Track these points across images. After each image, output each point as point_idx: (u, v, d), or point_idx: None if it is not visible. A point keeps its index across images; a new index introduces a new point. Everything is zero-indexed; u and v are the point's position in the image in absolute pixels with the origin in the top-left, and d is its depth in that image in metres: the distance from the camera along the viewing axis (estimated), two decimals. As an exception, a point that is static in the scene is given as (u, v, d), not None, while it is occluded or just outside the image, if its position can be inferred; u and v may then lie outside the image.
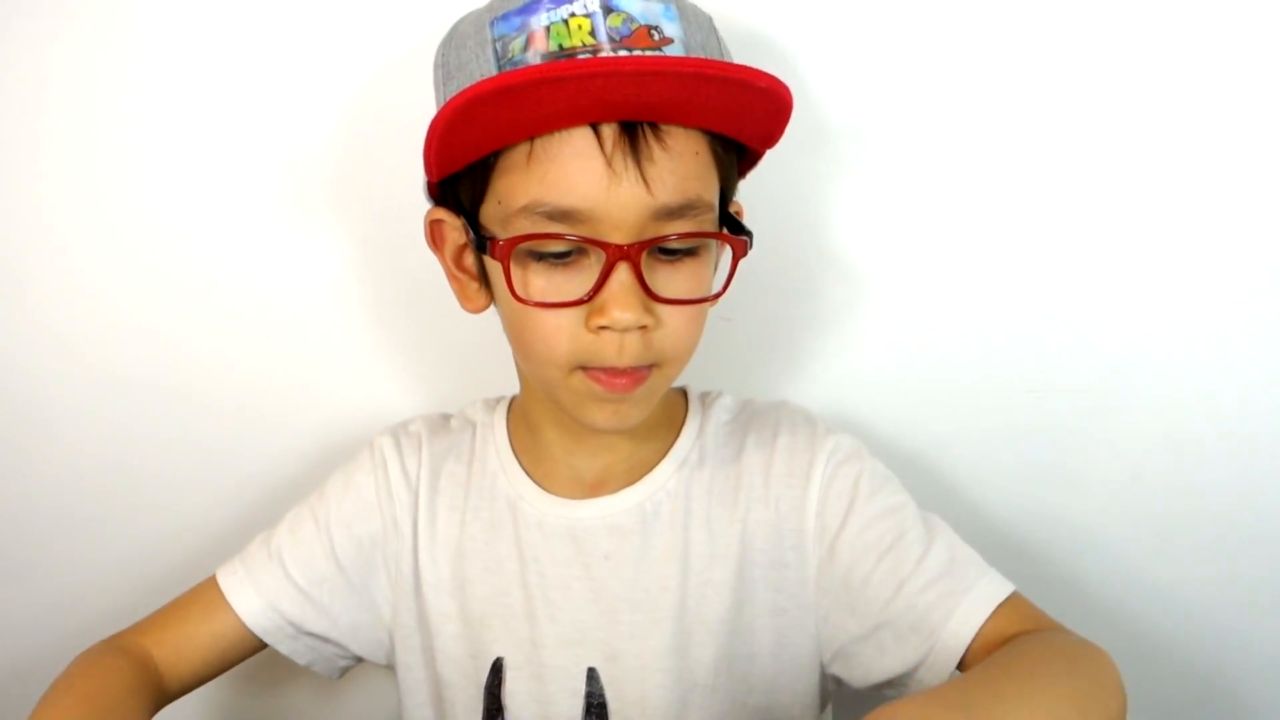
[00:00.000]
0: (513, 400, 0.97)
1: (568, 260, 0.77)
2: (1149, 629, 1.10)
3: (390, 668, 0.96)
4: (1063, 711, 0.68)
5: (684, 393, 0.95)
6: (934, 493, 1.02)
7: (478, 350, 0.95)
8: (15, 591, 1.16)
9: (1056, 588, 1.08)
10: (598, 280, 0.76)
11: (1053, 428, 1.05)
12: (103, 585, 1.13)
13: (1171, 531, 1.07)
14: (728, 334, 1.02)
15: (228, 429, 1.09)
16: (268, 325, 1.06)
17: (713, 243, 0.80)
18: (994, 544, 0.88)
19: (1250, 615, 1.08)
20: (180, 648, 0.89)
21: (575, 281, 0.77)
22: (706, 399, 0.95)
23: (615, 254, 0.75)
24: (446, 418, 0.99)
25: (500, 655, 0.88)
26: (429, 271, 0.88)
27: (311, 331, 1.06)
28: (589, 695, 0.86)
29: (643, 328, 0.77)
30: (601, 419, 0.82)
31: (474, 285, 0.85)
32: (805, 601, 0.87)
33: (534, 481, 0.91)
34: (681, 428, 0.92)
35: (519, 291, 0.78)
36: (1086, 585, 1.09)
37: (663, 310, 0.78)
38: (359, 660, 0.96)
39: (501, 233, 0.78)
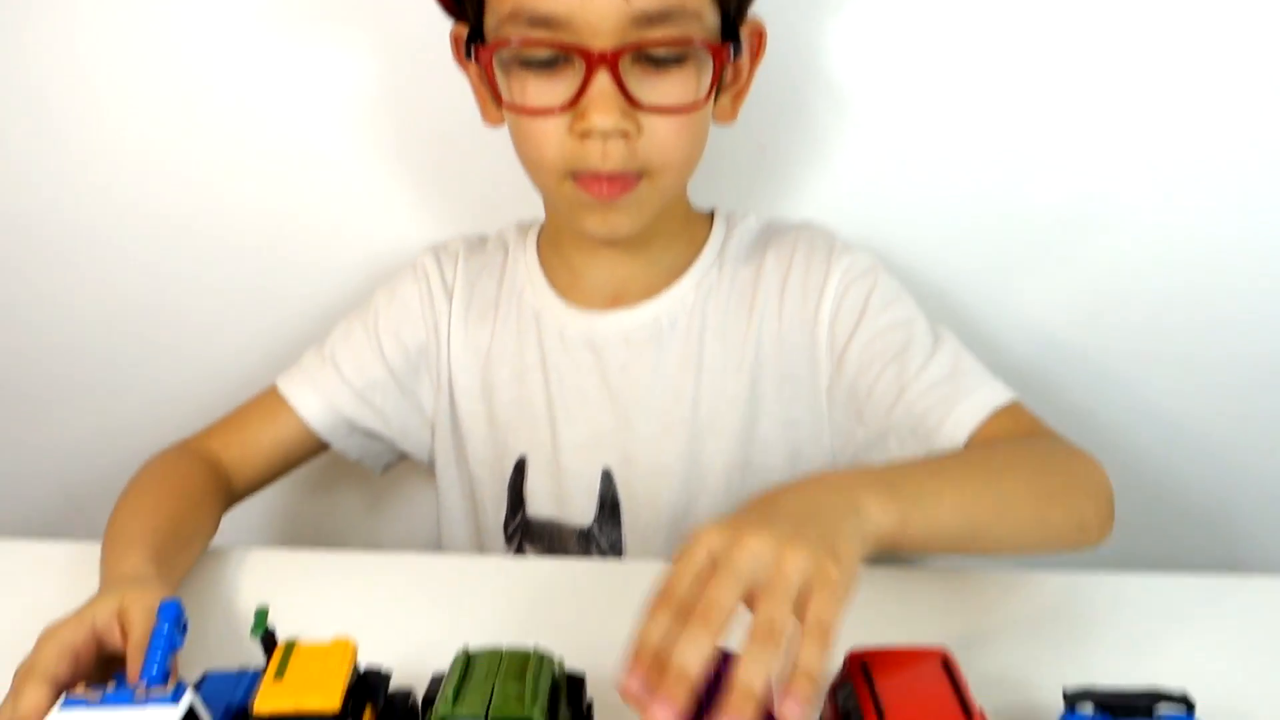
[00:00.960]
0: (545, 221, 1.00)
1: (553, 68, 0.79)
2: (1160, 461, 1.13)
3: (431, 466, 1.03)
4: (1001, 504, 0.69)
5: (712, 213, 0.98)
6: (951, 324, 1.04)
7: (505, 182, 0.98)
8: (64, 422, 1.23)
9: (1072, 418, 1.11)
10: (579, 86, 0.78)
11: (1078, 260, 1.06)
12: (149, 417, 1.20)
13: (1190, 369, 1.09)
14: (733, 153, 1.04)
15: (258, 267, 1.14)
16: (297, 161, 1.10)
17: (708, 55, 0.81)
18: (1011, 376, 0.90)
19: (1258, 452, 1.11)
20: (246, 450, 0.95)
21: (560, 88, 0.80)
22: (733, 219, 0.97)
23: (594, 60, 0.77)
24: (484, 239, 1.03)
25: (523, 455, 0.94)
26: (459, 104, 0.90)
27: (341, 167, 1.10)
28: (603, 495, 0.93)
29: (625, 134, 0.79)
30: (592, 226, 0.85)
31: (491, 98, 0.88)
32: (818, 414, 0.91)
33: (557, 294, 0.95)
34: (704, 246, 0.95)
35: (505, 97, 0.81)
36: (1101, 417, 1.12)
37: (647, 119, 0.80)
38: (402, 458, 1.02)
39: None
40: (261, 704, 0.57)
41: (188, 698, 0.57)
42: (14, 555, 0.87)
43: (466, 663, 0.61)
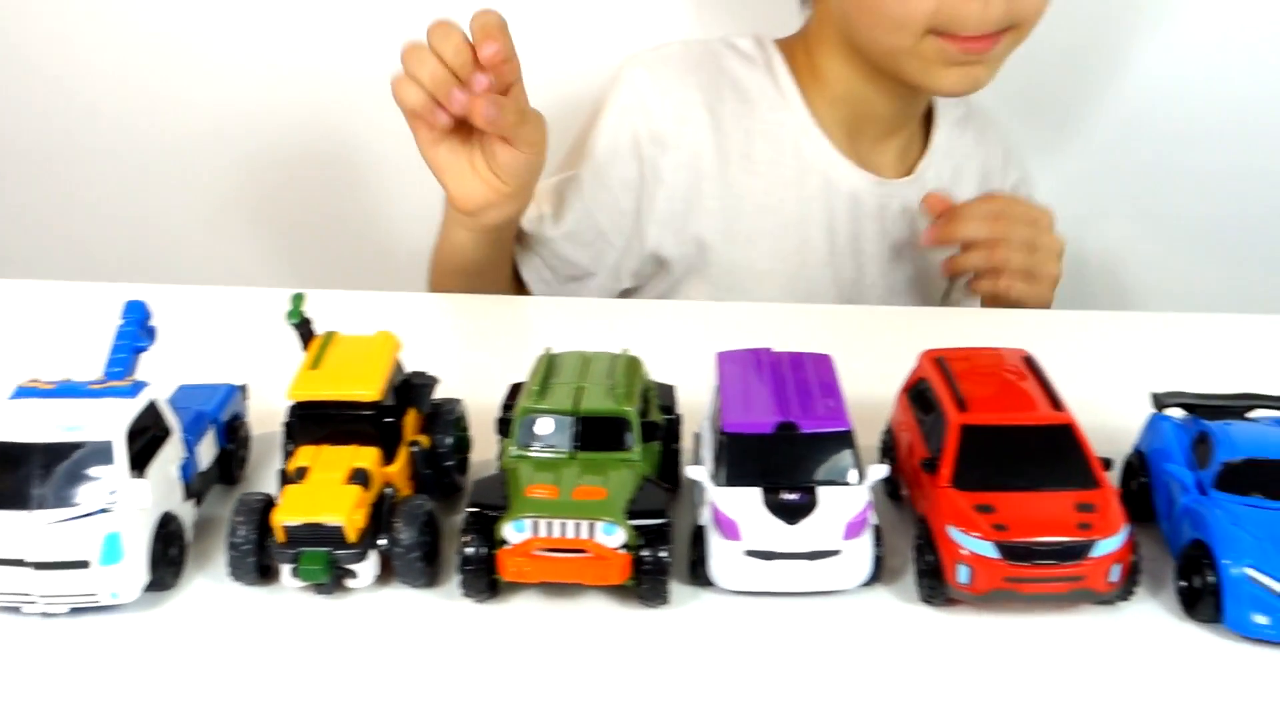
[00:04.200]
0: (795, 55, 0.93)
1: None
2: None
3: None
4: None
5: None
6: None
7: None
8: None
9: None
10: None
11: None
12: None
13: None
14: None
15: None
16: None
17: None
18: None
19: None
20: None
21: None
22: None
23: None
24: (708, 44, 0.93)
25: None
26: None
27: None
28: None
29: None
30: (951, 82, 0.84)
31: None
32: None
33: (842, 154, 0.92)
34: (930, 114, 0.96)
35: None
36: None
37: None
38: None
39: None
40: (295, 391, 0.53)
41: (147, 393, 0.52)
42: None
43: (550, 363, 0.57)
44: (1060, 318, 0.84)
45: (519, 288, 0.92)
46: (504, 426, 0.56)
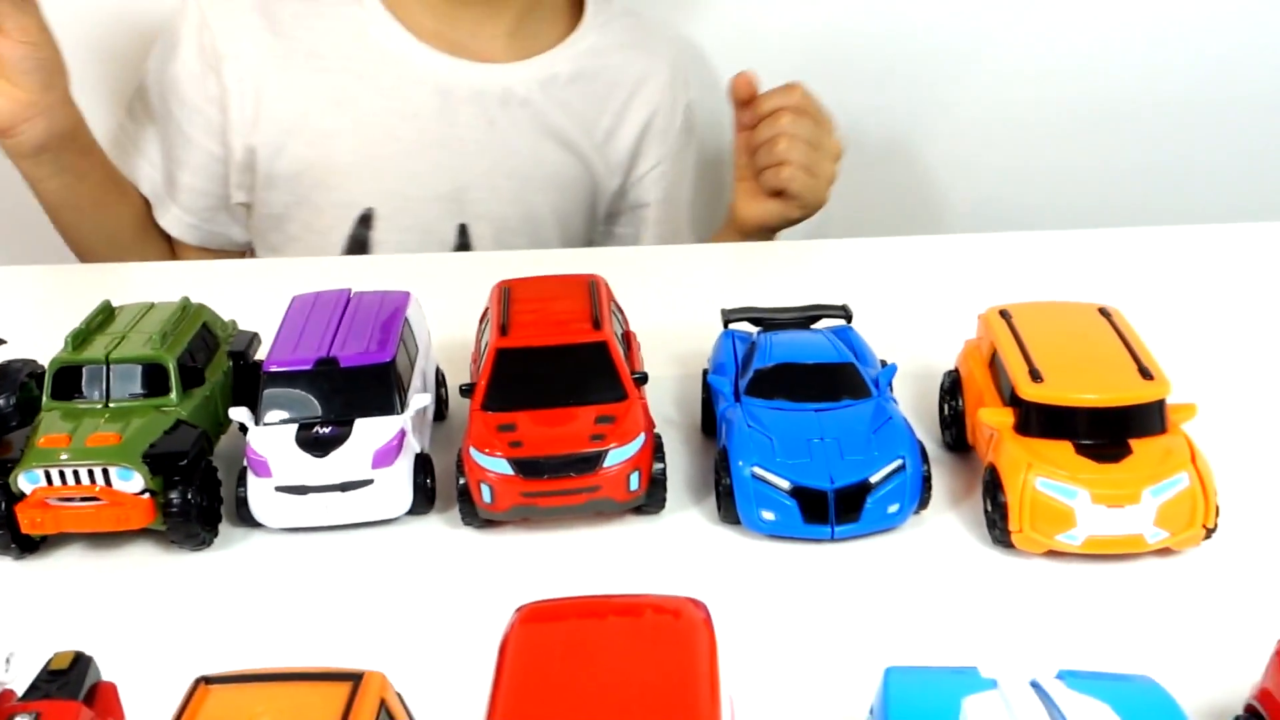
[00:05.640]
0: None
1: None
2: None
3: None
4: None
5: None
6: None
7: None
8: None
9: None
10: None
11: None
12: None
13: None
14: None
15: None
16: None
17: None
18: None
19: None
20: None
21: None
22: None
23: None
24: None
25: (369, 207, 0.89)
26: None
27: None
28: (457, 248, 0.90)
29: None
30: None
31: None
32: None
33: (423, 42, 0.89)
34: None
35: None
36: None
37: None
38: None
39: None
40: None
41: None
42: None
43: (108, 313, 0.56)
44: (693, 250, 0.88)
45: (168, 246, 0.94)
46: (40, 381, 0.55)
